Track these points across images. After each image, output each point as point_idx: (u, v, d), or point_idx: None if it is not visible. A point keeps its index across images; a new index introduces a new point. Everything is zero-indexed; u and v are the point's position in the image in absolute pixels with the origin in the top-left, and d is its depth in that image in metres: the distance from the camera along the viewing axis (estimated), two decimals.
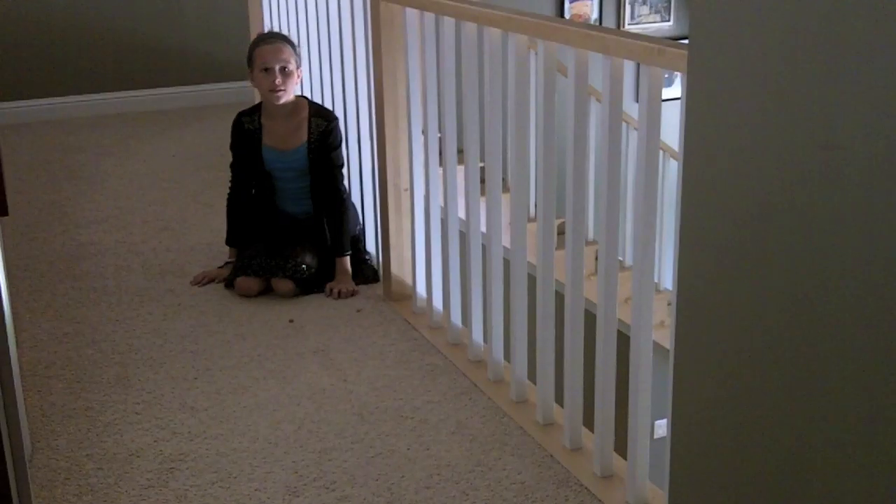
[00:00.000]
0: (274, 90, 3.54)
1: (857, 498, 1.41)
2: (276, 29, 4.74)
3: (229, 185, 3.77)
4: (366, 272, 3.73)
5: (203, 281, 3.68)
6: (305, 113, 3.64)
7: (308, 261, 3.58)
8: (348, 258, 3.64)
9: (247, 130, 3.67)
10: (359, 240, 3.79)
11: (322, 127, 3.61)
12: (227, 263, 3.73)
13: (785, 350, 1.49)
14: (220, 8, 6.13)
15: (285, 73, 3.53)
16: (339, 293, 3.57)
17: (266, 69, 3.53)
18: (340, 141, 3.68)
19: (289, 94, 3.57)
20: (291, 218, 3.72)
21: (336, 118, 3.69)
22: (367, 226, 3.84)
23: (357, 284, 3.66)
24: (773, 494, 1.56)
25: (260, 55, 3.55)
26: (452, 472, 2.55)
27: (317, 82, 4.21)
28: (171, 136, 5.66)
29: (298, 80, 3.65)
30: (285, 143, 3.64)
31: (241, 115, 3.72)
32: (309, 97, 4.25)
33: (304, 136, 3.62)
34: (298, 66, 3.61)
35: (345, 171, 3.76)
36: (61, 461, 2.62)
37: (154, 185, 4.83)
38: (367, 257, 3.79)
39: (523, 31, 2.62)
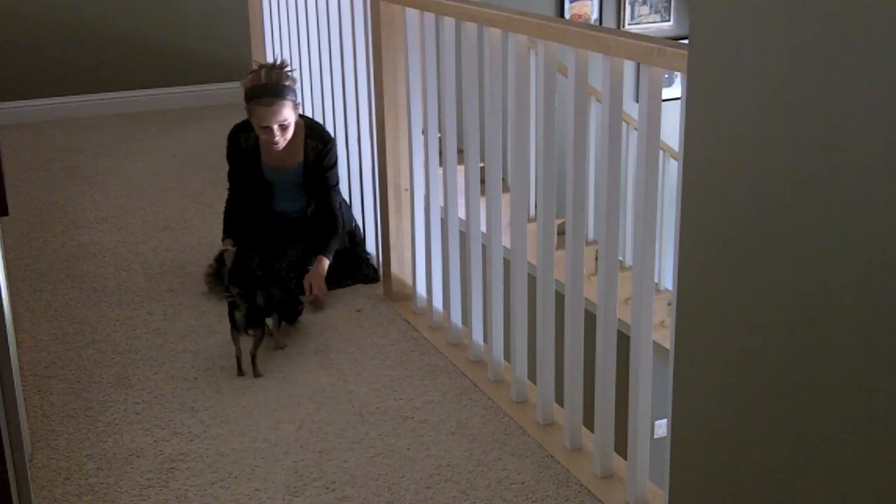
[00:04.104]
0: (273, 144, 3.51)
1: (856, 498, 1.41)
2: (275, 29, 4.74)
3: (228, 192, 3.76)
4: (366, 272, 3.73)
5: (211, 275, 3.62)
6: (301, 135, 3.61)
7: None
8: (327, 263, 3.57)
9: (243, 148, 3.65)
10: (355, 235, 3.79)
11: (318, 150, 3.61)
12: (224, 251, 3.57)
13: (784, 350, 1.49)
14: (220, 8, 6.13)
15: (283, 127, 3.49)
16: (316, 295, 3.47)
17: (264, 127, 3.49)
18: (336, 161, 3.68)
19: (287, 140, 3.54)
20: (287, 217, 3.72)
21: (332, 139, 3.68)
22: (367, 226, 3.84)
23: (357, 284, 3.67)
24: (772, 495, 1.56)
25: (257, 115, 3.48)
26: (452, 472, 2.55)
27: (317, 82, 4.21)
28: (171, 136, 5.66)
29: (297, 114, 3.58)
30: (282, 163, 3.63)
31: (237, 130, 3.68)
32: (308, 109, 4.24)
33: (300, 157, 3.62)
34: (297, 107, 3.55)
35: (343, 176, 3.74)
36: (61, 461, 2.62)
37: (154, 185, 4.83)
38: (367, 257, 3.79)
39: (523, 31, 2.62)
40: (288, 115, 3.49)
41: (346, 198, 3.89)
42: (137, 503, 2.45)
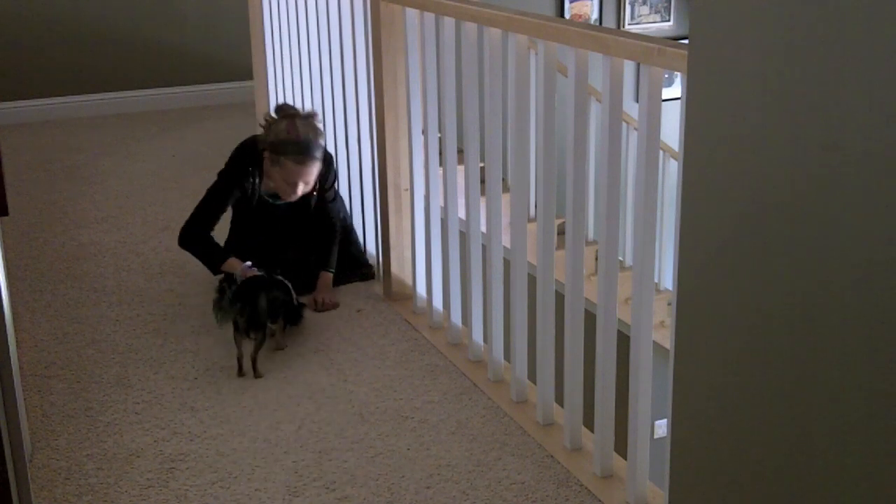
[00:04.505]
0: (292, 196, 3.47)
1: (856, 498, 1.41)
2: (275, 29, 4.73)
3: (192, 217, 3.53)
4: (364, 271, 3.73)
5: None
6: None
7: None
8: (331, 277, 3.59)
9: (251, 183, 3.55)
10: (350, 232, 3.79)
11: (322, 174, 3.55)
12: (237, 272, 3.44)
13: (784, 350, 1.49)
14: (220, 8, 6.13)
15: (307, 183, 3.47)
16: (323, 302, 3.51)
17: (290, 182, 3.43)
18: (336, 178, 3.68)
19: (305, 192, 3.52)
20: (286, 221, 3.71)
21: (330, 157, 3.65)
22: (367, 226, 3.84)
23: (355, 282, 3.68)
24: (772, 495, 1.56)
25: (286, 169, 3.39)
26: (452, 472, 2.55)
27: (317, 82, 4.21)
28: (171, 136, 5.66)
29: None
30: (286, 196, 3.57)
31: (248, 168, 3.52)
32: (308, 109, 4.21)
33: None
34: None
35: (343, 176, 3.73)
36: (61, 461, 2.62)
37: (154, 185, 4.83)
38: (363, 255, 3.79)
39: (523, 31, 2.62)
40: (316, 173, 3.46)
41: (347, 198, 3.89)
42: (137, 503, 2.45)
